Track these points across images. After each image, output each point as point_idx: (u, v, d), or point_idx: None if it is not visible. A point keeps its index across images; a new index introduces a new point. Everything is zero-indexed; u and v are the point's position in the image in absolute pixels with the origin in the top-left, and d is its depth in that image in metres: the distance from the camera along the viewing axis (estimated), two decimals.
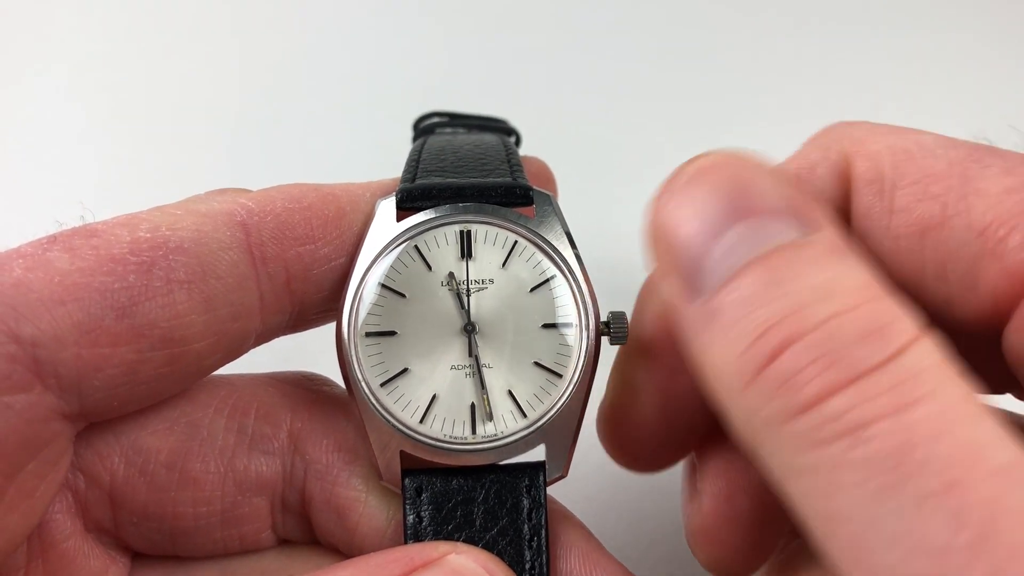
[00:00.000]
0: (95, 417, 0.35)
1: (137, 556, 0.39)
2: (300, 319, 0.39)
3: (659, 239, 0.32)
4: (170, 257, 0.34)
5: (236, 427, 0.38)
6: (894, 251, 0.33)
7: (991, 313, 0.32)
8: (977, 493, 0.24)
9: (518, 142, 0.55)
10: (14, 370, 0.31)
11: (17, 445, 0.31)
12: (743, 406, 0.28)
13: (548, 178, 0.48)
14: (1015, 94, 0.73)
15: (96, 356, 0.32)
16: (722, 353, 0.29)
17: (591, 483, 0.56)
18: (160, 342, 0.33)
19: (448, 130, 0.54)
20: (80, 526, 0.36)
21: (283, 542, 0.40)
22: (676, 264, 0.31)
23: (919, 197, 0.33)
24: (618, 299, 0.47)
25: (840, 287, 0.28)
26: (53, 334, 0.31)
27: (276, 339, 0.39)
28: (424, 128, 0.54)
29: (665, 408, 0.38)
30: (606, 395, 0.41)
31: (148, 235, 0.34)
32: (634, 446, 0.40)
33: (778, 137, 0.40)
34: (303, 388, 0.40)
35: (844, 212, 0.36)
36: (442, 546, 0.34)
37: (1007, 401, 0.38)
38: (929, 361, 0.26)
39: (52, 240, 0.33)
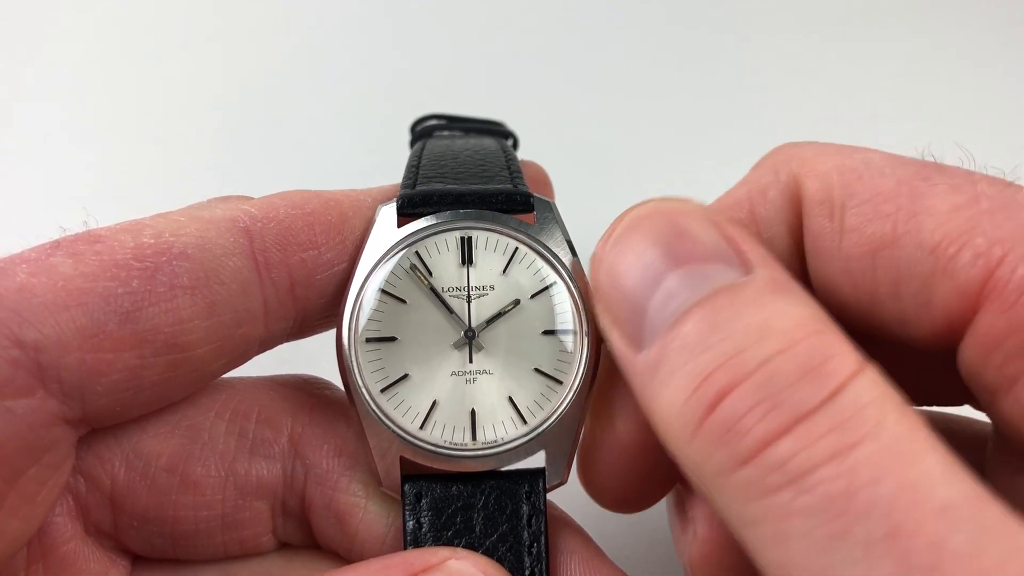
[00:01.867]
0: (97, 423, 0.35)
1: (137, 559, 0.39)
2: (303, 325, 0.39)
3: (601, 293, 0.33)
4: (174, 263, 0.34)
5: (237, 431, 0.38)
6: (846, 271, 0.33)
7: (945, 330, 0.32)
8: (922, 536, 0.23)
9: (515, 145, 0.55)
10: (17, 375, 0.31)
11: (18, 450, 0.31)
12: (691, 456, 0.28)
13: (545, 182, 0.48)
14: (958, 109, 0.73)
15: (99, 361, 0.32)
16: (668, 403, 0.29)
17: None
18: (163, 347, 0.33)
19: (446, 133, 0.54)
20: (80, 529, 0.36)
21: (283, 545, 0.40)
22: (619, 317, 0.32)
23: (869, 217, 0.33)
24: None
25: (778, 325, 0.28)
26: (56, 339, 0.31)
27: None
28: (422, 131, 0.54)
29: (642, 442, 0.37)
30: (583, 435, 0.40)
31: (152, 241, 0.34)
32: (615, 483, 0.39)
33: (776, 136, 0.40)
34: (303, 392, 0.40)
35: (797, 234, 0.36)
36: (442, 551, 0.34)
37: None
38: (870, 396, 0.26)
39: (56, 245, 0.33)
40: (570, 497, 0.42)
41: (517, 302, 0.38)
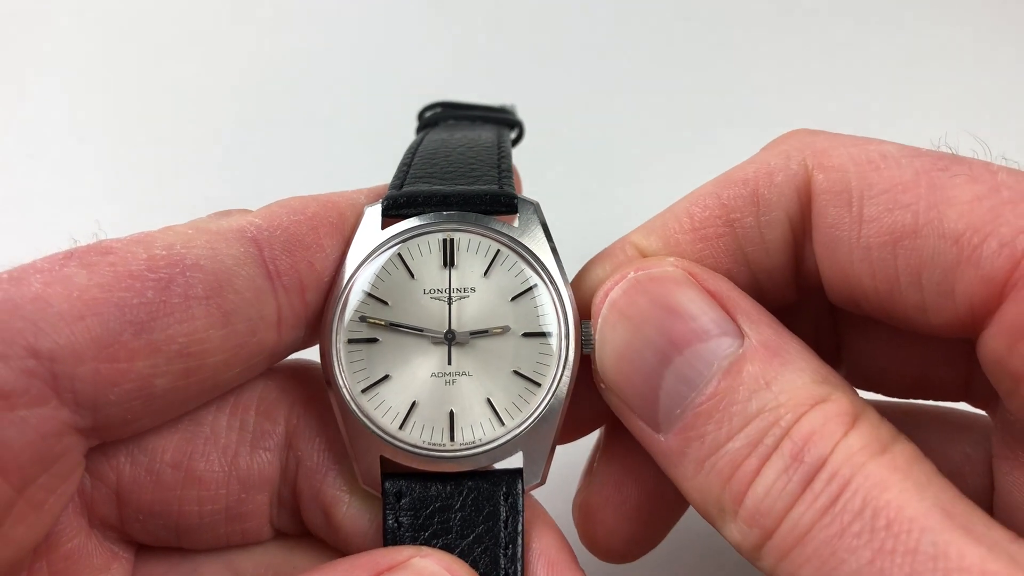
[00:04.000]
0: (108, 435, 0.35)
1: (140, 548, 0.40)
2: (314, 331, 0.39)
3: (608, 379, 0.36)
4: (187, 274, 0.34)
5: (238, 424, 0.39)
6: (865, 260, 0.34)
7: (967, 319, 0.33)
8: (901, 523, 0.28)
9: (520, 135, 0.54)
10: (31, 384, 0.31)
11: (30, 458, 0.32)
12: (732, 535, 0.32)
13: (516, 181, 0.48)
14: (971, 99, 0.71)
15: (113, 371, 0.33)
16: (701, 489, 0.33)
17: None
18: (177, 356, 0.34)
19: (451, 121, 0.53)
20: (85, 524, 0.37)
21: (281, 534, 0.41)
22: (631, 404, 0.35)
23: (888, 207, 0.33)
24: None
25: (787, 402, 0.31)
26: (71, 349, 0.32)
27: None
28: (428, 119, 0.54)
29: (645, 504, 0.41)
30: (583, 494, 0.43)
31: (164, 252, 0.34)
32: (618, 541, 0.42)
33: (772, 134, 0.40)
34: (300, 380, 0.41)
35: (800, 222, 0.37)
36: (406, 550, 0.35)
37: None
38: (854, 449, 0.30)
39: (69, 256, 0.34)
40: (569, 493, 0.43)
41: (507, 328, 0.38)
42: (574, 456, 0.45)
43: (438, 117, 0.54)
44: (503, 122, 0.53)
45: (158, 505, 0.37)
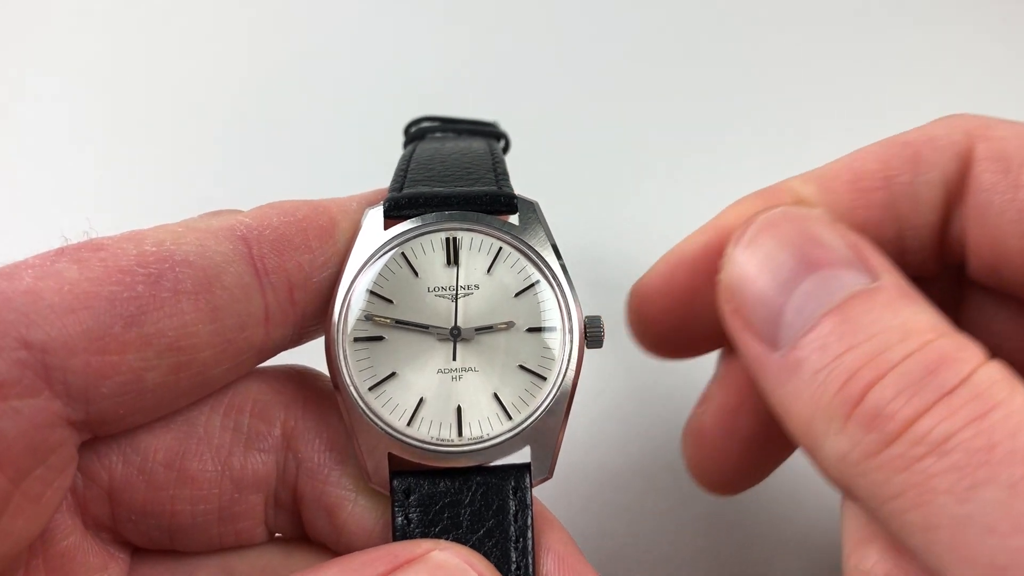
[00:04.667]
0: (100, 428, 0.35)
1: (136, 550, 0.40)
2: (302, 331, 0.39)
3: (733, 294, 0.35)
4: (176, 269, 0.34)
5: (232, 425, 0.39)
6: (1017, 222, 0.36)
7: None
8: None
9: (507, 147, 0.55)
10: (24, 375, 0.31)
11: (24, 450, 0.32)
12: (838, 445, 0.31)
13: None
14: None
15: (104, 363, 0.33)
16: (813, 398, 0.32)
17: (590, 483, 0.57)
18: (167, 350, 0.34)
19: (439, 135, 0.54)
20: (79, 524, 0.37)
21: (276, 536, 0.41)
22: (752, 318, 0.34)
23: None
24: (614, 294, 0.47)
25: (914, 327, 0.31)
26: (63, 341, 0.32)
27: None
28: (415, 133, 0.55)
29: (759, 432, 0.41)
30: (694, 417, 0.43)
31: (154, 248, 0.35)
32: (728, 466, 0.42)
33: (768, 138, 0.41)
34: (296, 384, 0.41)
35: (956, 185, 0.38)
36: (425, 543, 0.35)
37: None
38: (999, 376, 0.30)
39: (60, 253, 0.34)
40: (569, 492, 0.43)
41: (511, 324, 0.39)
42: (575, 456, 0.45)
43: (424, 131, 0.55)
44: (490, 134, 0.54)
45: (151, 505, 0.37)
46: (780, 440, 0.41)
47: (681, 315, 0.41)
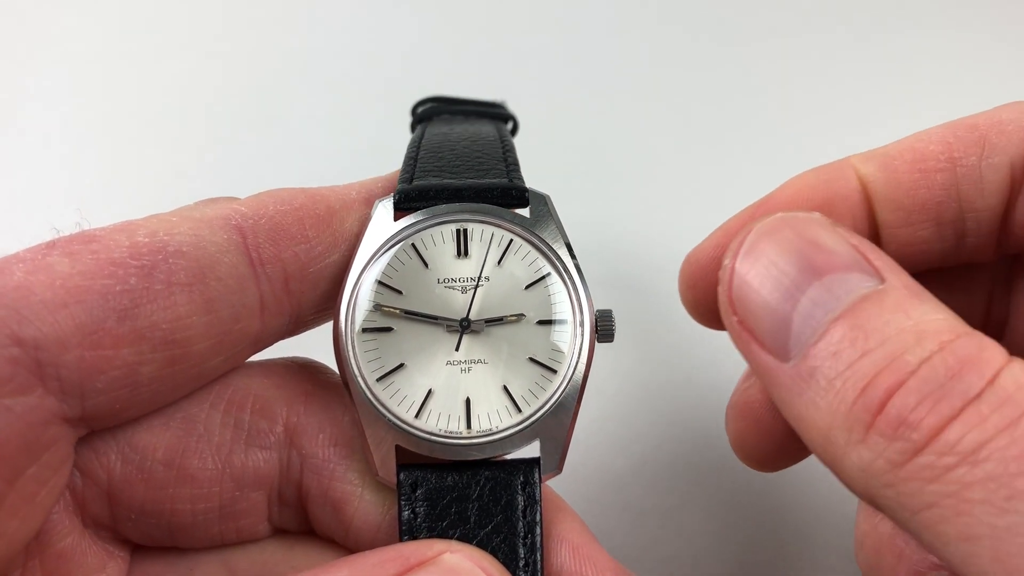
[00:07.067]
0: (96, 423, 0.35)
1: (136, 548, 0.39)
2: (298, 320, 0.39)
3: (737, 306, 0.34)
4: (170, 260, 0.34)
5: (232, 422, 0.38)
6: None
7: None
8: None
9: (515, 129, 0.54)
10: (16, 373, 0.31)
11: (18, 449, 0.31)
12: (861, 456, 0.30)
13: None
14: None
15: (98, 358, 0.32)
16: (829, 408, 0.31)
17: (592, 483, 0.57)
18: (161, 343, 0.34)
19: (446, 115, 0.53)
20: (78, 523, 0.37)
21: (279, 531, 0.41)
22: (759, 330, 0.33)
23: None
24: (622, 291, 0.47)
25: (929, 328, 0.30)
26: (55, 336, 0.31)
27: None
28: (422, 114, 0.54)
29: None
30: (739, 392, 0.43)
31: (147, 239, 0.34)
32: (771, 441, 0.42)
33: (776, 135, 0.40)
34: (299, 378, 0.40)
35: (1021, 171, 0.38)
36: (437, 544, 0.34)
37: None
38: (1022, 380, 0.28)
39: (51, 246, 0.33)
40: (571, 491, 0.43)
41: (521, 316, 0.38)
42: (575, 456, 0.45)
43: (432, 111, 0.54)
44: (498, 116, 0.54)
45: (150, 504, 0.37)
46: None
47: None
